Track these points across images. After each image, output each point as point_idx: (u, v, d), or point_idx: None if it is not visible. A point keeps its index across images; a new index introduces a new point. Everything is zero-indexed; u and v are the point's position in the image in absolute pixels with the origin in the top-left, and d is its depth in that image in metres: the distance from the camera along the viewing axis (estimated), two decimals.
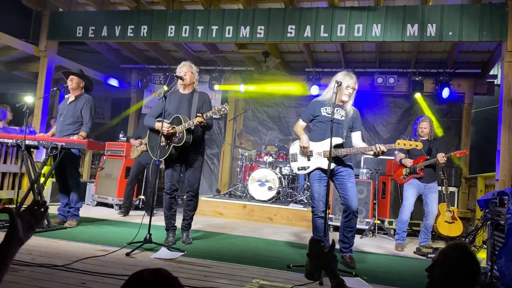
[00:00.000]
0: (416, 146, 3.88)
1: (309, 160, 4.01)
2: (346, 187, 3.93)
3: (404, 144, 3.85)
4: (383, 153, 3.84)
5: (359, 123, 4.06)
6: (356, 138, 4.04)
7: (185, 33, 6.52)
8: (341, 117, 3.96)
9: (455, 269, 1.72)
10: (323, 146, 3.90)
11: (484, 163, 8.03)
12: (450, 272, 1.71)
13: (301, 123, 4.14)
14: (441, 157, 5.07)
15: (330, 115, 3.76)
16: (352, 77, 3.96)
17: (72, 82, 5.14)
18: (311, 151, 4.00)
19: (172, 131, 4.25)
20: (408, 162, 5.31)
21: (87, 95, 5.19)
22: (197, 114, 4.16)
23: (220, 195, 8.42)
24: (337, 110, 3.94)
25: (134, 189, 6.95)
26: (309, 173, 4.07)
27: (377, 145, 3.82)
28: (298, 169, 4.10)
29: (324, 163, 3.88)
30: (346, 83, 3.92)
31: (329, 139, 3.68)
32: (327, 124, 3.80)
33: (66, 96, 5.25)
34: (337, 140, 3.87)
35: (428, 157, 5.26)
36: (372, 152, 3.84)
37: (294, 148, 4.17)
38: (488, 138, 8.03)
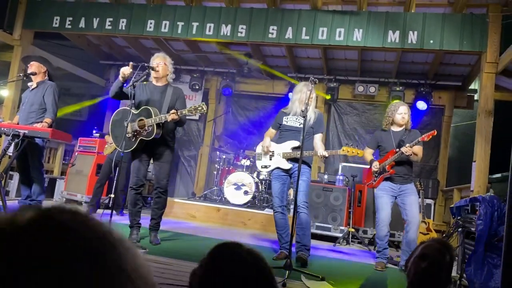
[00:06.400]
0: (358, 153, 4.09)
1: (270, 159, 4.41)
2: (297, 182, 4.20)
3: (348, 151, 4.10)
4: (325, 157, 4.23)
5: (319, 127, 4.37)
6: (316, 141, 4.38)
7: (165, 28, 6.38)
8: (300, 124, 4.29)
9: (446, 267, 1.73)
10: (282, 147, 4.37)
11: (461, 176, 8.02)
12: (441, 271, 1.71)
13: (271, 130, 4.57)
14: (405, 149, 4.21)
15: (289, 124, 4.37)
16: (308, 88, 4.12)
17: (31, 67, 4.94)
18: (273, 151, 4.39)
19: (127, 72, 4.09)
20: (374, 166, 4.50)
21: (50, 81, 4.97)
22: (171, 112, 3.99)
23: (194, 198, 8.21)
24: (297, 119, 4.36)
25: (104, 188, 6.70)
26: (270, 172, 4.49)
27: (320, 151, 4.16)
28: (261, 167, 4.52)
29: (282, 163, 4.32)
30: (302, 95, 4.22)
31: (286, 142, 4.32)
32: (287, 132, 4.39)
33: (28, 84, 5.03)
34: (294, 143, 4.29)
35: (397, 149, 4.37)
36: (319, 155, 4.17)
37: (259, 148, 4.57)
38: (466, 153, 8.04)
